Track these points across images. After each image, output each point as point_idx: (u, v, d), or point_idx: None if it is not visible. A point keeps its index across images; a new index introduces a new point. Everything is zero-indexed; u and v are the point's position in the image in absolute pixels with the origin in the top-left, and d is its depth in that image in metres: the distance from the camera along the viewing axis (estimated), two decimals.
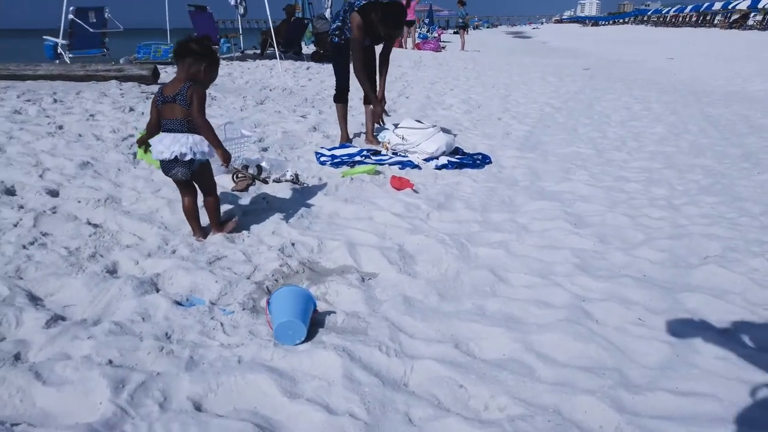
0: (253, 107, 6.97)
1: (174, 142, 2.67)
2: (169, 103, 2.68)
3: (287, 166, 4.26)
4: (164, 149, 2.68)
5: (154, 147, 2.73)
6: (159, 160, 2.76)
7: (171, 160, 2.70)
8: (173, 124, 2.69)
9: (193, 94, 2.65)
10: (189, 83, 2.68)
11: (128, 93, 7.34)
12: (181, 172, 2.77)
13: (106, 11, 10.62)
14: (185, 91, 2.65)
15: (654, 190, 4.11)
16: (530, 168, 4.67)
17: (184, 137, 2.68)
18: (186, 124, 2.69)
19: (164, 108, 2.70)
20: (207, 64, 2.76)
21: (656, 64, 15.72)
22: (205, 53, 2.75)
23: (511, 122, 6.74)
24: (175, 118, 2.68)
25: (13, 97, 6.48)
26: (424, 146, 4.79)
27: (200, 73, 2.75)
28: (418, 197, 3.78)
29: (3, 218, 3.02)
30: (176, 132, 2.69)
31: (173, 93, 2.67)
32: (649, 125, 6.67)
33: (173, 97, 2.66)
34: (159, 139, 2.72)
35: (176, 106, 2.66)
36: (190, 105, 2.65)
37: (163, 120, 2.72)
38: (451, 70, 13.44)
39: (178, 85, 2.68)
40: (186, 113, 2.67)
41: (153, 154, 2.76)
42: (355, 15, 4.67)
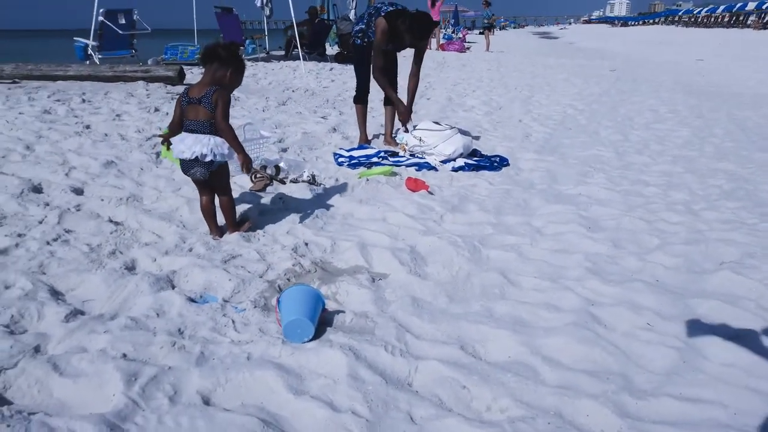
0: (275, 108, 7.07)
1: (195, 142, 2.75)
2: (194, 105, 2.75)
3: (305, 167, 4.33)
4: (185, 149, 2.76)
5: (175, 146, 2.80)
6: (180, 159, 2.83)
7: (191, 159, 2.77)
8: (196, 125, 2.76)
9: (218, 99, 2.73)
10: (215, 87, 2.76)
11: (154, 93, 7.51)
12: (200, 171, 2.84)
13: (134, 13, 10.86)
14: (211, 95, 2.73)
15: (673, 195, 4.06)
16: (548, 171, 4.65)
17: (206, 138, 2.76)
18: (209, 126, 2.76)
19: (189, 109, 2.77)
20: (233, 69, 2.85)
21: (685, 66, 15.44)
22: (232, 59, 2.84)
23: (532, 124, 6.71)
24: (198, 119, 2.75)
25: (44, 97, 6.68)
26: (441, 148, 4.81)
27: (225, 77, 2.83)
28: (432, 199, 3.80)
29: (30, 215, 3.14)
30: (198, 133, 2.76)
31: (199, 95, 2.74)
32: (674, 128, 6.58)
33: (198, 99, 2.74)
34: (181, 139, 2.79)
35: (201, 108, 2.74)
36: (214, 108, 2.73)
37: (186, 120, 2.79)
38: (474, 71, 13.41)
39: (204, 88, 2.76)
40: (209, 116, 2.74)
41: (174, 153, 2.84)
42: (381, 20, 4.72)
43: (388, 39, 4.78)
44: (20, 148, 4.36)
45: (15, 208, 3.19)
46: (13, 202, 3.25)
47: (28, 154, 4.26)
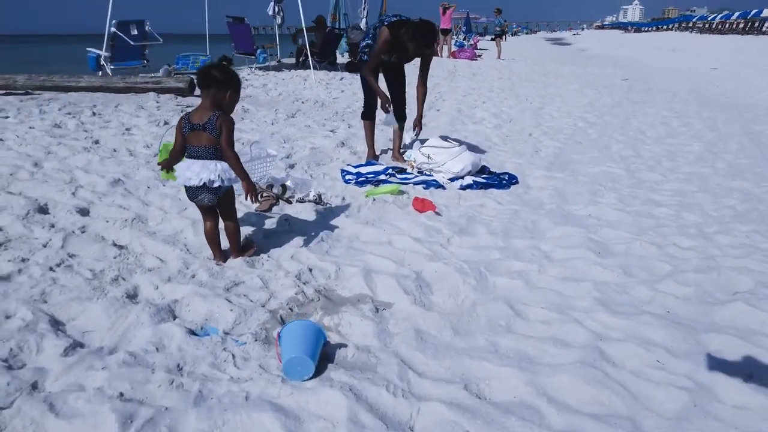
0: (284, 121, 7.07)
1: (203, 169, 2.73)
2: (197, 131, 2.73)
3: (312, 185, 4.30)
4: (192, 176, 2.74)
5: (181, 173, 2.78)
6: (186, 186, 2.81)
7: (199, 186, 2.76)
8: (200, 151, 2.74)
9: (222, 124, 2.71)
10: (218, 112, 2.74)
11: (164, 105, 7.54)
12: (207, 198, 2.83)
13: (146, 24, 10.94)
14: (215, 121, 2.71)
15: (685, 216, 3.98)
16: (557, 189, 4.59)
17: (213, 164, 2.74)
18: (214, 152, 2.74)
19: (191, 135, 2.75)
20: (232, 90, 2.82)
21: (699, 74, 15.27)
22: (229, 80, 2.80)
23: (542, 138, 6.65)
24: (202, 145, 2.73)
25: (54, 110, 6.72)
26: (449, 165, 4.77)
27: (225, 99, 2.81)
28: (439, 220, 3.75)
29: (34, 238, 3.14)
30: (203, 159, 2.74)
31: (202, 122, 2.71)
32: (686, 143, 6.48)
33: (203, 126, 2.71)
34: (187, 166, 2.77)
35: (204, 134, 2.72)
36: (219, 134, 2.71)
37: (190, 147, 2.77)
38: (485, 80, 13.35)
39: (207, 114, 2.73)
40: (214, 141, 2.73)
41: (179, 180, 2.81)
42: (384, 29, 4.71)
43: (390, 48, 4.76)
44: (29, 165, 4.37)
45: (20, 231, 3.19)
46: (19, 224, 3.25)
47: (36, 172, 4.27)
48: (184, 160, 2.81)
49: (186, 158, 2.80)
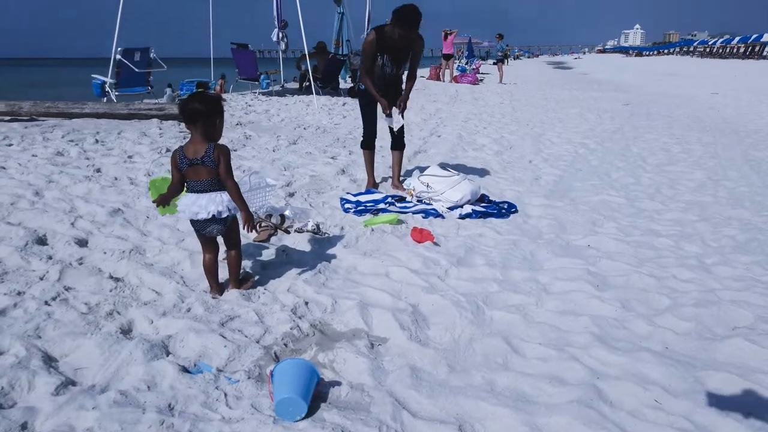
0: (286, 147, 7.11)
1: (210, 201, 2.76)
2: (195, 166, 2.74)
3: (310, 215, 4.31)
4: (199, 209, 2.76)
5: (187, 208, 2.79)
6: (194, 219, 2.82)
7: (208, 219, 2.78)
8: (202, 185, 2.77)
9: (219, 155, 2.74)
10: (212, 144, 2.76)
11: (167, 132, 7.60)
12: (216, 229, 2.86)
13: (151, 51, 11.10)
14: (212, 153, 2.73)
15: (685, 247, 3.96)
16: (556, 219, 4.59)
17: (219, 196, 2.78)
18: (215, 184, 2.78)
19: (190, 170, 2.76)
20: (219, 118, 2.83)
21: (700, 99, 15.34)
22: (212, 109, 2.79)
23: (542, 165, 6.67)
24: (202, 179, 2.76)
25: (58, 137, 6.79)
26: (448, 195, 4.77)
27: (215, 128, 2.82)
28: (437, 251, 3.74)
29: (32, 270, 3.14)
30: (205, 192, 2.77)
31: (200, 156, 2.73)
32: (687, 170, 6.48)
33: (201, 160, 2.73)
34: (192, 201, 2.78)
35: (203, 168, 2.74)
36: (217, 165, 2.73)
37: (190, 181, 2.79)
38: (486, 105, 13.45)
39: (202, 147, 2.74)
40: (213, 173, 2.75)
41: (186, 215, 2.82)
42: (370, 32, 4.86)
43: (378, 46, 4.80)
44: (29, 194, 4.39)
45: (18, 263, 3.20)
46: (17, 255, 3.26)
47: (37, 201, 4.29)
48: (186, 195, 2.82)
49: (188, 193, 2.81)
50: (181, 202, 2.83)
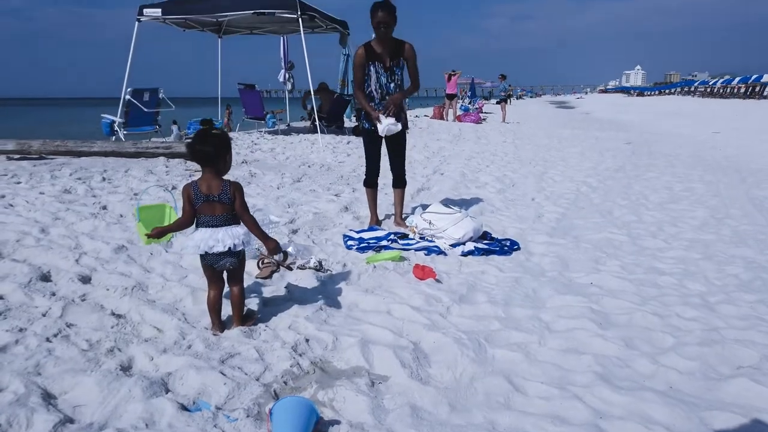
0: (290, 185, 7.18)
1: (227, 235, 2.83)
2: (211, 202, 2.82)
3: (313, 252, 4.33)
4: (216, 243, 2.82)
5: (202, 242, 2.83)
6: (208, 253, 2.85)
7: (222, 252, 2.84)
8: (216, 220, 2.84)
9: (235, 191, 2.85)
10: (228, 182, 2.87)
11: (173, 170, 7.70)
12: (230, 262, 2.92)
13: (160, 92, 11.34)
14: (228, 190, 2.83)
15: (689, 285, 3.95)
16: (559, 256, 4.59)
17: (235, 229, 2.86)
18: (230, 219, 2.87)
19: (204, 206, 2.83)
20: (227, 154, 2.90)
21: (701, 139, 15.47)
22: (220, 147, 2.86)
23: (545, 203, 6.70)
24: (217, 214, 2.84)
25: (66, 175, 6.88)
26: (451, 232, 4.80)
27: (225, 164, 2.91)
28: (439, 288, 3.74)
29: (34, 306, 3.15)
30: (221, 226, 2.84)
31: (216, 192, 2.82)
32: (689, 208, 6.50)
33: (218, 197, 2.82)
34: (209, 235, 2.83)
35: (218, 204, 2.83)
36: (233, 201, 2.83)
37: (204, 217, 2.85)
38: (489, 144, 13.60)
39: (218, 184, 2.83)
40: (229, 209, 2.85)
41: (199, 249, 2.85)
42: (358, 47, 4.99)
43: (366, 57, 4.92)
44: (36, 231, 4.44)
45: (21, 299, 3.21)
46: (20, 292, 3.27)
47: (43, 238, 4.33)
48: (199, 230, 2.87)
49: (200, 228, 2.86)
50: (195, 237, 2.87)
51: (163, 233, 2.94)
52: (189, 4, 11.50)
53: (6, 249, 4.03)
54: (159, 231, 2.93)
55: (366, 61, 4.94)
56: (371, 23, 4.83)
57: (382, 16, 4.76)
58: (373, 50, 4.94)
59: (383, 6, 4.76)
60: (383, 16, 4.76)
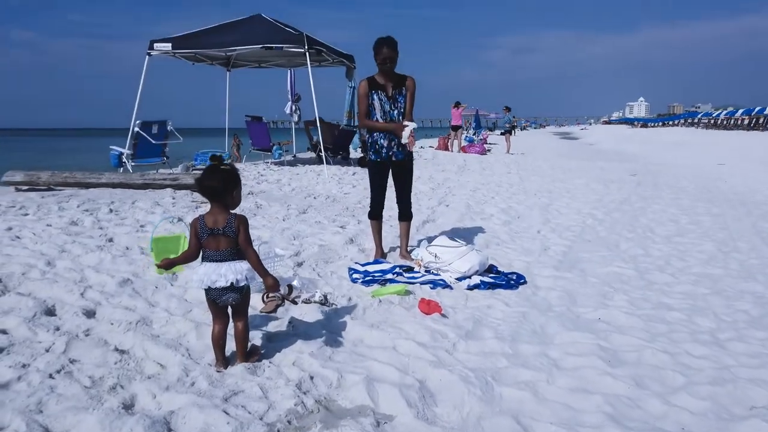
0: (296, 217, 7.19)
1: (229, 270, 2.82)
2: (216, 236, 2.83)
3: (318, 285, 4.31)
4: (218, 278, 2.81)
5: (206, 276, 2.83)
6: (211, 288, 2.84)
7: (225, 287, 2.83)
8: (221, 255, 2.84)
9: (239, 225, 2.85)
10: (233, 215, 2.88)
11: (180, 202, 7.74)
12: (232, 297, 2.90)
13: (168, 124, 11.48)
14: (233, 223, 2.84)
15: (698, 321, 3.90)
16: (566, 290, 4.55)
17: (238, 265, 2.85)
18: (234, 254, 2.86)
19: (209, 240, 2.84)
20: (235, 189, 2.92)
21: (706, 170, 15.49)
22: (229, 182, 2.88)
23: (551, 236, 6.68)
24: (221, 248, 2.84)
25: (73, 207, 6.93)
26: (456, 265, 4.77)
27: (233, 199, 2.92)
28: (445, 323, 3.71)
29: (38, 341, 3.13)
30: (225, 261, 2.83)
31: (220, 226, 2.83)
32: (696, 242, 6.46)
33: (222, 230, 2.82)
34: (212, 269, 2.83)
35: (223, 238, 2.83)
36: (237, 235, 2.83)
37: (209, 251, 2.85)
38: (494, 175, 13.64)
39: (223, 217, 2.85)
40: (233, 243, 2.84)
41: (203, 284, 2.85)
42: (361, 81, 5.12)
43: (369, 87, 5.02)
44: (41, 264, 4.44)
45: (25, 334, 3.20)
46: (24, 326, 3.26)
47: (48, 271, 4.33)
48: (203, 264, 2.87)
49: (204, 262, 2.87)
50: (199, 272, 2.87)
51: (171, 265, 2.96)
52: (199, 39, 11.73)
53: (11, 282, 4.03)
54: (167, 262, 2.95)
55: (369, 90, 5.04)
56: (375, 59, 4.94)
57: (387, 52, 4.89)
58: (375, 81, 5.06)
59: (387, 43, 4.89)
60: (388, 52, 4.89)
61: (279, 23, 11.98)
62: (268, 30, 11.67)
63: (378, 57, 4.92)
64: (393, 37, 4.96)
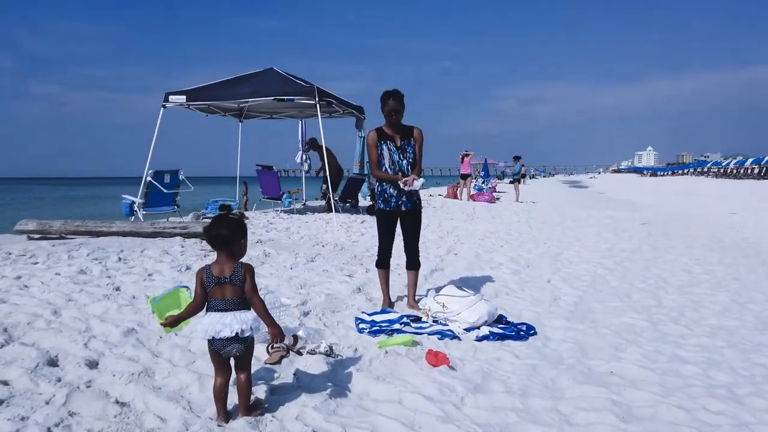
0: (303, 265, 7.17)
1: (234, 320, 2.79)
2: (222, 285, 2.82)
3: (324, 336, 4.25)
4: (223, 327, 2.78)
5: (210, 327, 2.79)
6: (215, 338, 2.81)
7: (229, 338, 2.79)
8: (227, 304, 2.82)
9: (246, 273, 2.84)
10: (240, 263, 2.87)
11: (189, 250, 7.77)
12: (236, 348, 2.85)
13: (180, 173, 11.65)
14: (240, 271, 2.83)
15: (714, 375, 3.78)
16: (577, 342, 4.45)
17: (243, 314, 2.82)
18: (240, 303, 2.84)
19: (215, 289, 2.82)
20: (242, 238, 2.93)
21: (718, 219, 15.38)
22: (237, 231, 2.90)
23: (561, 285, 6.59)
24: (227, 297, 2.82)
25: (83, 255, 6.96)
26: (465, 315, 4.70)
27: (240, 248, 2.93)
28: (453, 376, 3.62)
29: (39, 393, 3.09)
30: (230, 310, 2.81)
31: (227, 274, 2.82)
32: (710, 292, 6.34)
33: (229, 278, 2.81)
34: (217, 319, 2.80)
35: (229, 287, 2.82)
36: (243, 283, 2.82)
37: (214, 300, 2.83)
38: (503, 223, 13.61)
39: (229, 266, 2.84)
40: (239, 292, 2.83)
41: (207, 334, 2.81)
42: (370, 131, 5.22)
43: (378, 137, 5.11)
44: (47, 314, 4.43)
45: (26, 385, 3.16)
46: (26, 377, 3.22)
47: (54, 320, 4.31)
48: (208, 314, 2.85)
49: (209, 312, 2.84)
50: (203, 322, 2.84)
51: (177, 321, 2.94)
52: (212, 91, 12.03)
53: (16, 332, 4.01)
54: (173, 320, 2.93)
55: (378, 140, 5.11)
56: (382, 111, 5.07)
57: (393, 104, 5.02)
58: (384, 132, 5.16)
59: (393, 95, 5.03)
60: (394, 104, 5.02)
61: (291, 76, 12.28)
62: (280, 82, 11.96)
63: (384, 109, 5.04)
64: (399, 90, 5.08)
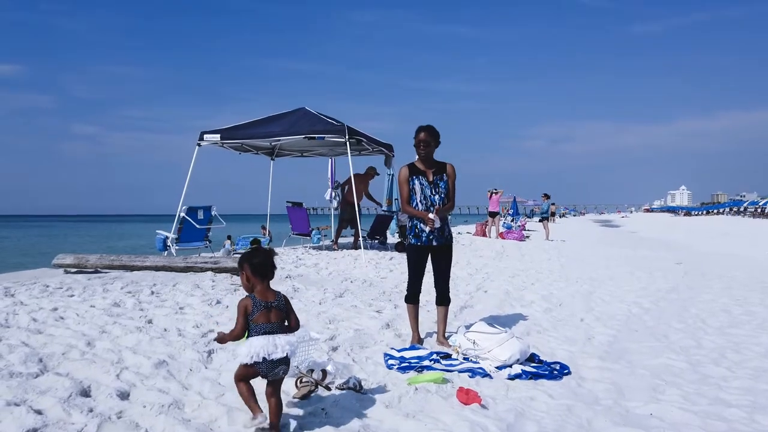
0: (332, 300, 7.16)
1: (285, 341, 3.01)
2: (270, 309, 3.06)
3: (353, 371, 4.21)
4: (274, 349, 2.96)
5: (261, 348, 2.94)
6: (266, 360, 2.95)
7: (279, 359, 2.97)
8: (273, 327, 3.05)
9: (287, 302, 3.15)
10: (279, 292, 3.18)
11: (219, 285, 7.85)
12: (283, 369, 3.06)
13: (213, 209, 11.89)
14: (281, 298, 3.16)
15: (760, 420, 3.60)
16: (614, 383, 4.31)
17: (293, 337, 3.09)
18: (284, 326, 3.10)
19: (261, 314, 3.03)
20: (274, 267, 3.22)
21: (757, 260, 14.90)
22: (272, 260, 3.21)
23: (595, 324, 6.42)
24: (273, 321, 3.06)
25: (117, 289, 7.09)
26: (496, 353, 4.61)
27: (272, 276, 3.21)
28: (485, 415, 3.53)
29: (71, 423, 3.11)
30: (276, 333, 3.03)
31: (274, 300, 3.12)
32: (752, 334, 6.10)
33: (276, 305, 3.10)
34: (269, 340, 2.97)
35: (274, 311, 3.08)
36: (287, 311, 3.13)
37: (261, 325, 3.02)
38: (533, 261, 13.43)
39: (272, 293, 3.15)
40: (283, 316, 3.11)
41: (258, 356, 2.93)
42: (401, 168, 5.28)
43: (410, 173, 5.15)
44: (82, 345, 4.50)
45: (59, 415, 3.18)
46: (59, 407, 3.25)
47: (87, 351, 4.37)
48: (255, 338, 2.99)
49: (255, 336, 2.99)
50: (252, 344, 2.96)
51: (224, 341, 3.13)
52: (245, 130, 12.34)
53: (51, 362, 4.08)
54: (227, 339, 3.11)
55: (410, 176, 5.15)
56: (414, 144, 5.10)
57: (423, 136, 5.11)
58: (416, 167, 5.21)
59: (426, 129, 5.13)
60: (424, 136, 5.11)
61: (322, 115, 12.54)
62: (311, 121, 12.22)
63: (415, 140, 5.11)
64: (433, 126, 5.15)
